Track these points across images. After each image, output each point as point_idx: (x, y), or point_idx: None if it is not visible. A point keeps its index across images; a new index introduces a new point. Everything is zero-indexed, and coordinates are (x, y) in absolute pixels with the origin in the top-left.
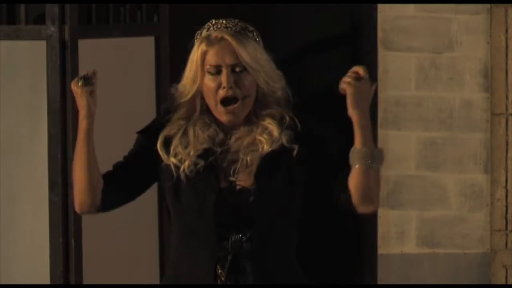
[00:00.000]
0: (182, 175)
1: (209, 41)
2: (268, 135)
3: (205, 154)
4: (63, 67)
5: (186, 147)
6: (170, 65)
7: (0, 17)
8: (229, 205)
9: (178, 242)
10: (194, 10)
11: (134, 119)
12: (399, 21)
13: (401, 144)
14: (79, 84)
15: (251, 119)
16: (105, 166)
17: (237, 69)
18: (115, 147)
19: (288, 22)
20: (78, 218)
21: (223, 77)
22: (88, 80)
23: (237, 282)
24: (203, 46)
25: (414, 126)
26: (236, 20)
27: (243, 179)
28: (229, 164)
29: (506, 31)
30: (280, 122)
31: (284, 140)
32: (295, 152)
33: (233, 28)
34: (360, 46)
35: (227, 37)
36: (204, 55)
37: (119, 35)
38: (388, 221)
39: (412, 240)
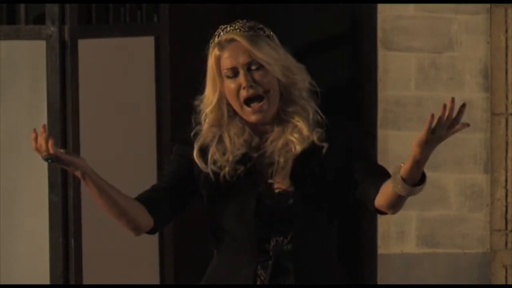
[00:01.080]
0: (222, 181)
1: (220, 45)
2: (298, 133)
3: (243, 159)
4: (63, 67)
5: (224, 154)
6: (170, 65)
7: (0, 17)
8: (269, 208)
9: (217, 248)
10: (194, 10)
11: (134, 119)
12: (399, 21)
13: (401, 144)
14: (44, 159)
15: (281, 117)
16: (105, 165)
17: (253, 67)
18: (115, 146)
19: (288, 22)
20: (78, 218)
21: (241, 78)
22: (51, 160)
23: (278, 283)
24: (215, 52)
25: (414, 126)
26: (244, 20)
27: (280, 181)
28: (267, 167)
29: (506, 31)
30: (306, 117)
31: (315, 138)
32: (324, 150)
33: (242, 28)
34: (360, 46)
35: (236, 37)
36: (218, 60)
37: (119, 35)
38: (388, 221)
39: (412, 240)
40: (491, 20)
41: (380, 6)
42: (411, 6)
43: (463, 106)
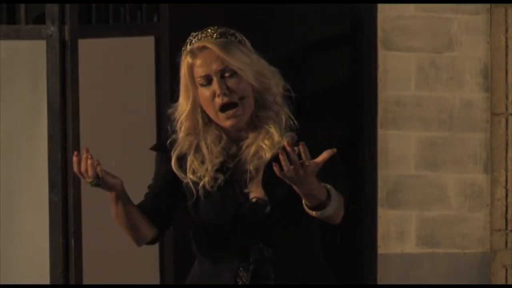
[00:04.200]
0: (201, 191)
1: (192, 53)
2: (269, 140)
3: (221, 168)
4: (63, 67)
5: (202, 163)
6: (170, 65)
7: (0, 17)
8: (248, 217)
9: (199, 255)
10: (194, 10)
11: (134, 119)
12: (399, 21)
13: (401, 144)
14: (92, 185)
15: (255, 123)
16: (105, 165)
17: (227, 74)
18: (115, 146)
19: (288, 22)
20: (78, 218)
21: (215, 85)
22: (96, 184)
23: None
24: (188, 59)
25: (414, 126)
26: (215, 27)
27: (255, 190)
28: (242, 175)
29: (506, 31)
30: (279, 123)
31: (285, 142)
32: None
33: (213, 35)
34: (360, 46)
35: (208, 45)
36: (191, 68)
37: (119, 35)
38: (388, 221)
39: (412, 240)
40: (491, 20)
41: (380, 6)
42: (411, 6)
43: (301, 145)
